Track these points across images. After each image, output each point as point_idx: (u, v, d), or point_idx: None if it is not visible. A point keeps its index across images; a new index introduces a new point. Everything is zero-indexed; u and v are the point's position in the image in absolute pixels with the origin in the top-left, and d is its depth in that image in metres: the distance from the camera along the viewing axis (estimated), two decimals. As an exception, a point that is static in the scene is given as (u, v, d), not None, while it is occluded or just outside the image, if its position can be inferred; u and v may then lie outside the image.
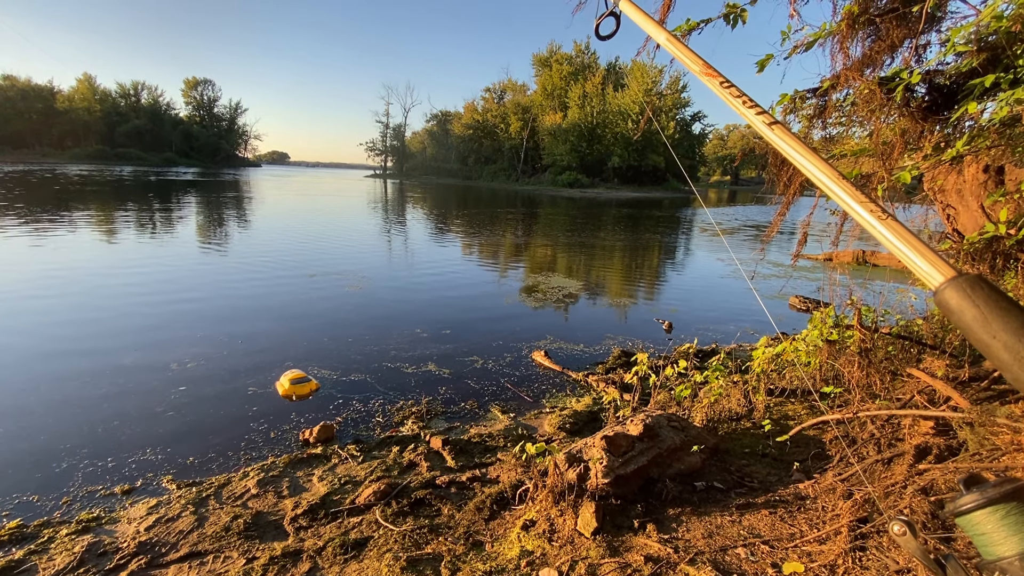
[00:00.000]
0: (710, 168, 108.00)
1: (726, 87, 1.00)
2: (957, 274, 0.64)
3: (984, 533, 0.60)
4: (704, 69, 1.05)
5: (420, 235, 17.79)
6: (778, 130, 0.91)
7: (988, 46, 2.41)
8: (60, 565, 2.50)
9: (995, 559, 0.59)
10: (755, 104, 0.97)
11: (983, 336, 0.60)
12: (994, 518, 0.60)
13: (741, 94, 0.99)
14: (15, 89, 76.19)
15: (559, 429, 4.06)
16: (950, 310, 0.63)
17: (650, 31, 1.21)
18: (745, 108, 0.97)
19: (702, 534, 2.43)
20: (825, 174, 0.83)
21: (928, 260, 0.68)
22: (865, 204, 0.77)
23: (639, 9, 1.24)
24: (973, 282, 0.62)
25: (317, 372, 5.11)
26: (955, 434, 2.70)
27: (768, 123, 0.92)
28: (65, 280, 8.37)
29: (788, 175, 3.30)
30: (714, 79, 1.02)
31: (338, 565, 2.43)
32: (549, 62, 69.92)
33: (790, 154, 0.89)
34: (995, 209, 3.00)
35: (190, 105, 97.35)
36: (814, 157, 0.86)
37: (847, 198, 0.79)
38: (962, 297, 0.62)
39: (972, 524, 0.62)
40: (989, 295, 0.61)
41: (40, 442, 3.70)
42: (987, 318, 0.60)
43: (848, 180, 0.81)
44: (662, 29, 1.18)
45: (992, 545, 0.59)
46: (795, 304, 8.40)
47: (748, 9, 2.79)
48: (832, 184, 0.81)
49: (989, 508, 0.60)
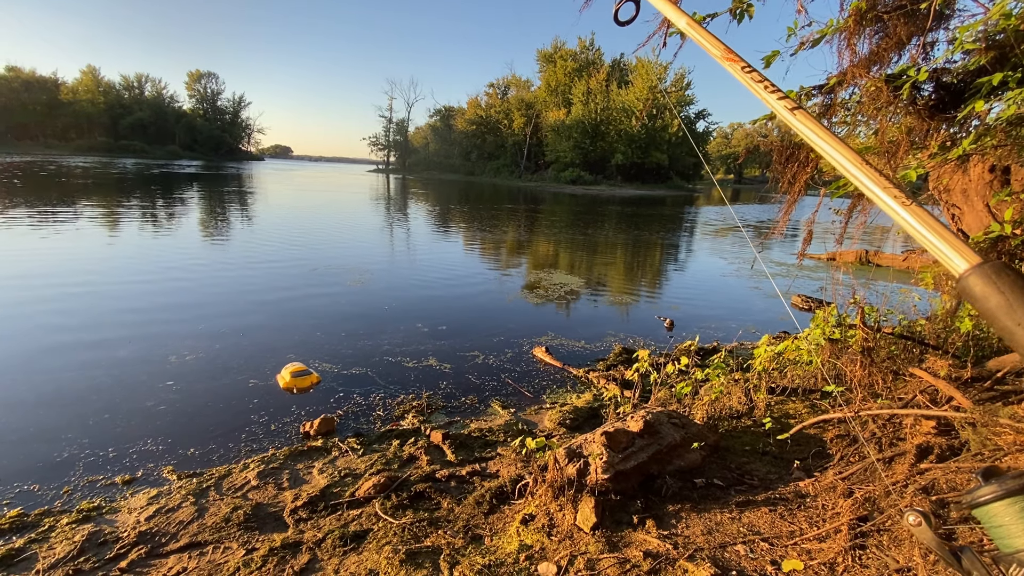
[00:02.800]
0: (714, 166, 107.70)
1: (747, 72, 0.98)
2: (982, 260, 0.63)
3: (1002, 525, 0.60)
4: (725, 54, 1.03)
5: (422, 230, 17.79)
6: (800, 115, 0.89)
7: (996, 44, 2.39)
8: (60, 554, 2.51)
9: (1013, 551, 0.58)
10: (776, 88, 0.96)
11: (1008, 323, 0.60)
12: (1012, 510, 0.59)
13: (763, 79, 0.97)
14: (19, 80, 76.02)
15: (559, 425, 4.06)
16: (974, 297, 0.63)
17: (670, 15, 1.18)
18: (767, 93, 0.95)
19: (701, 531, 2.43)
20: (848, 159, 0.81)
21: (953, 246, 0.67)
22: (888, 190, 0.75)
23: None
24: (999, 268, 0.62)
25: (318, 365, 5.12)
26: (957, 434, 2.69)
27: (790, 108, 0.91)
28: (66, 271, 8.39)
29: (793, 172, 3.28)
30: (735, 64, 1.00)
31: (337, 557, 2.44)
32: (553, 58, 69.63)
33: (812, 139, 0.87)
34: (1001, 208, 2.98)
35: (194, 98, 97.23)
36: (836, 142, 0.84)
37: (870, 183, 0.78)
38: (987, 284, 0.62)
39: (990, 516, 0.61)
40: (1015, 282, 0.60)
41: (41, 432, 3.71)
42: (1012, 305, 0.59)
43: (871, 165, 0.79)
44: (683, 13, 1.15)
45: (1010, 537, 0.59)
46: (797, 303, 8.38)
47: (755, 4, 2.77)
48: (855, 169, 0.80)
49: (1008, 500, 0.60)
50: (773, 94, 0.94)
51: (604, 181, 59.61)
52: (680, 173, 64.43)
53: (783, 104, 0.92)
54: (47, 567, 2.42)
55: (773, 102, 0.94)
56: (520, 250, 14.30)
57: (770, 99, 0.94)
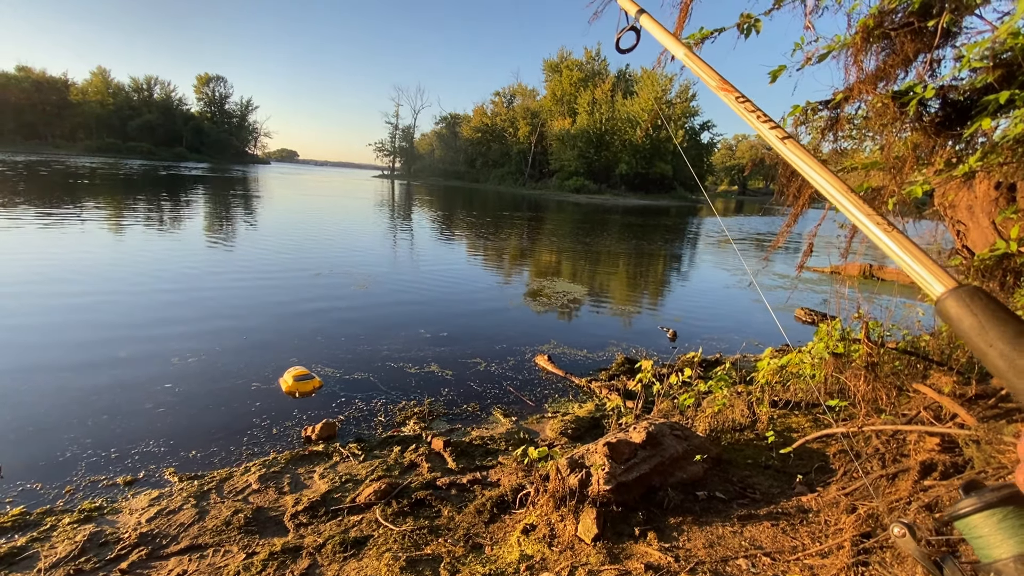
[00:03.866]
0: (718, 178, 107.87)
1: (741, 102, 1.06)
2: (957, 285, 0.67)
3: (981, 536, 0.62)
4: (721, 84, 1.09)
5: (426, 237, 17.83)
6: (790, 144, 0.95)
7: (1003, 63, 2.40)
8: (62, 553, 2.51)
9: (991, 561, 0.60)
10: (768, 118, 1.02)
11: (980, 344, 0.62)
12: (991, 522, 0.61)
13: (755, 109, 1.04)
14: (29, 80, 76.80)
15: (561, 434, 4.05)
16: (949, 319, 0.66)
17: (669, 46, 1.24)
18: (759, 122, 1.02)
19: (703, 544, 2.42)
20: (834, 187, 0.87)
21: (930, 271, 0.71)
22: (871, 216, 0.80)
23: (659, 24, 1.27)
24: (972, 293, 0.65)
25: (320, 370, 5.12)
26: (961, 451, 2.68)
27: (781, 137, 0.97)
28: (70, 272, 8.43)
29: (797, 186, 3.29)
30: (730, 94, 1.07)
31: (337, 563, 2.43)
32: (559, 67, 70.03)
33: (801, 167, 0.93)
34: (1007, 226, 2.98)
35: (202, 101, 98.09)
36: (823, 170, 0.90)
37: (854, 210, 0.83)
38: (961, 307, 0.65)
39: (970, 527, 0.63)
40: (986, 305, 0.63)
41: (43, 431, 3.72)
42: (984, 327, 0.62)
43: (855, 193, 0.85)
44: (680, 44, 1.22)
45: (989, 548, 0.61)
46: (800, 316, 8.37)
47: (762, 20, 2.80)
48: (840, 197, 0.85)
49: (986, 512, 0.62)
50: (765, 123, 1.00)
51: (608, 190, 59.74)
52: (684, 184, 64.47)
53: (775, 133, 0.97)
54: (48, 566, 2.43)
55: (765, 131, 1.00)
56: (523, 258, 14.31)
57: (762, 128, 1.01)
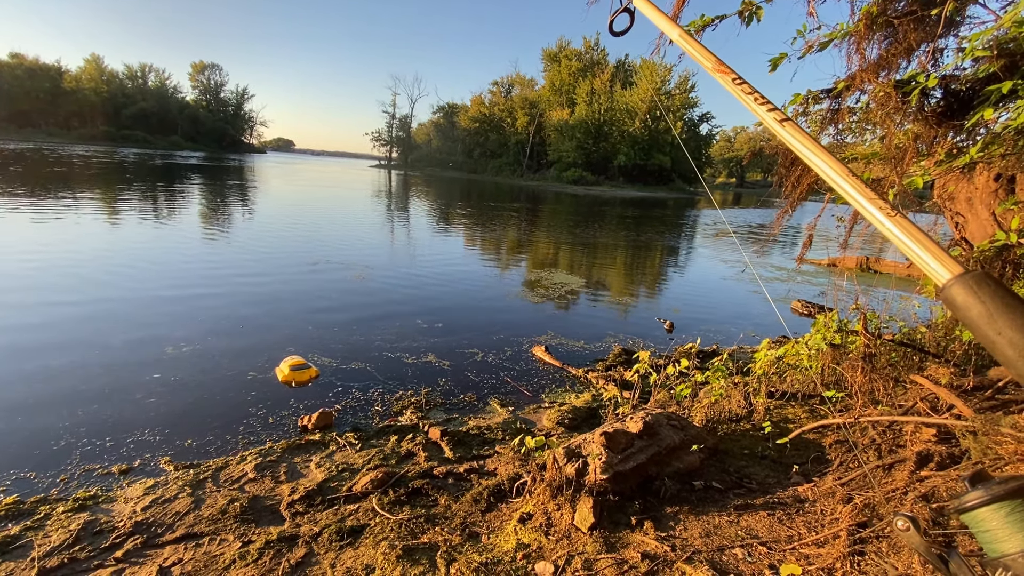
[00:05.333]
0: (716, 170, 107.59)
1: (738, 83, 1.02)
2: (964, 271, 0.65)
3: (988, 530, 0.60)
4: (716, 66, 1.06)
5: (424, 227, 17.77)
6: (789, 127, 0.92)
7: (1006, 52, 2.38)
8: (56, 542, 2.50)
9: (999, 556, 0.59)
10: (767, 101, 0.99)
11: (988, 332, 0.60)
12: (999, 515, 0.60)
13: (753, 91, 1.01)
14: (22, 67, 75.68)
15: (558, 424, 4.05)
16: (956, 306, 0.64)
17: (664, 27, 1.21)
18: (756, 104, 0.98)
19: (700, 533, 2.42)
20: (835, 171, 0.83)
21: (936, 257, 0.68)
22: (874, 201, 0.77)
23: (653, 5, 1.24)
24: (979, 279, 0.63)
25: (317, 359, 5.11)
26: (958, 442, 2.69)
27: (779, 120, 0.93)
28: (63, 261, 8.37)
29: (796, 176, 3.27)
30: (726, 75, 1.03)
31: (333, 551, 2.43)
32: (558, 57, 69.50)
33: (800, 150, 0.90)
34: (1007, 217, 2.97)
35: (197, 89, 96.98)
36: (824, 154, 0.86)
37: (856, 195, 0.80)
38: (968, 294, 0.63)
39: (977, 521, 0.62)
40: (995, 292, 0.61)
41: (38, 420, 3.70)
42: (992, 315, 0.60)
43: (858, 177, 0.81)
44: (675, 25, 1.19)
45: (996, 542, 0.60)
46: (797, 308, 8.37)
47: (764, 7, 2.76)
48: (842, 181, 0.82)
49: (994, 505, 0.60)
50: (763, 105, 0.97)
51: (606, 182, 59.55)
52: (683, 176, 64.31)
53: (773, 116, 0.94)
54: (43, 555, 2.42)
55: (763, 113, 0.96)
56: (521, 249, 14.28)
57: (760, 110, 0.97)
